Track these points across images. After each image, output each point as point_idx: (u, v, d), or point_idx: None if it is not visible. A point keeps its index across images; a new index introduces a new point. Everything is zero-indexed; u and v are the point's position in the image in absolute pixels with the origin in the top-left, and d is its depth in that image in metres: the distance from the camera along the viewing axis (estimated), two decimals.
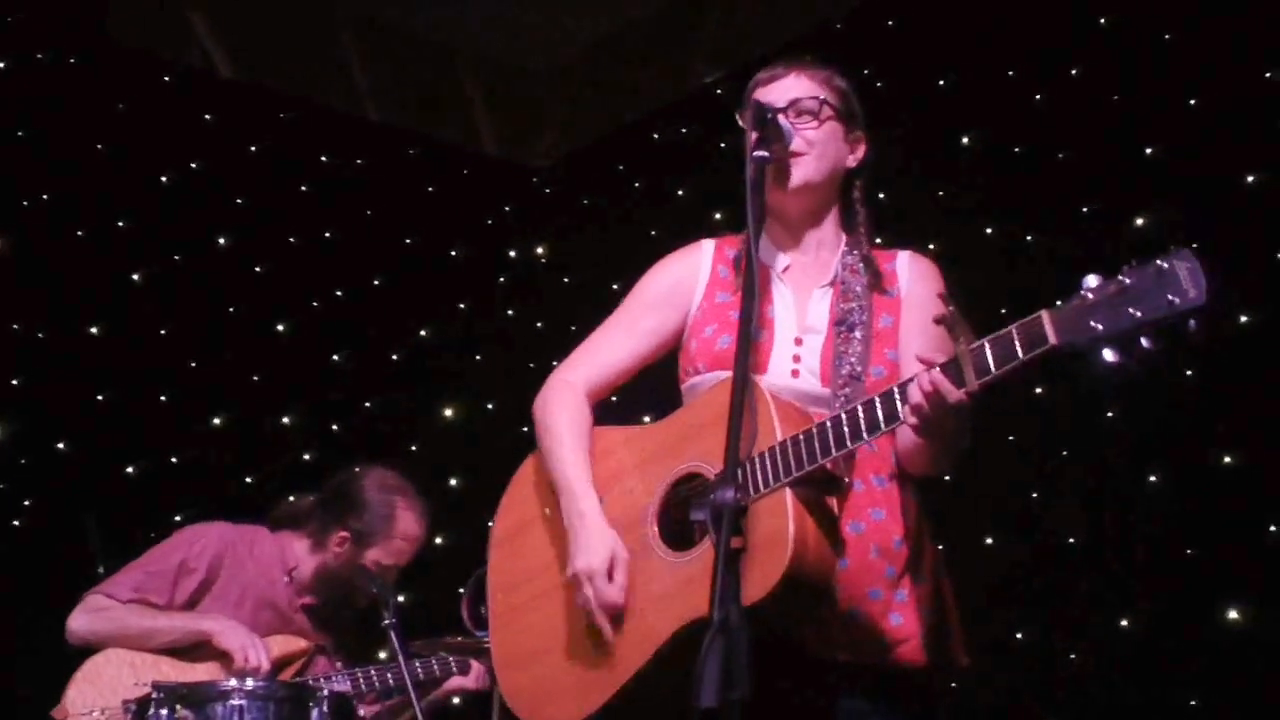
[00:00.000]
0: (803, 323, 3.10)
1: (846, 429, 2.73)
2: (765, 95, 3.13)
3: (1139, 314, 2.41)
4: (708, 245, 3.30)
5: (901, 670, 2.94)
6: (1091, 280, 2.49)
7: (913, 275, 3.16)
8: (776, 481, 2.76)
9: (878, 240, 3.22)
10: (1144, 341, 2.42)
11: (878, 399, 2.72)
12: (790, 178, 3.10)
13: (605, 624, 2.96)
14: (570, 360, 3.32)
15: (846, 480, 2.88)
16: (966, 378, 2.59)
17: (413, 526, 4.92)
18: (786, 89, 3.15)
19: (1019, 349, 2.53)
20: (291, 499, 5.12)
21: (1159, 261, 2.42)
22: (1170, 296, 2.38)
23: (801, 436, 2.77)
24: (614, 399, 3.33)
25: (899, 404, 2.68)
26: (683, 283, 3.26)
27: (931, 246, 3.39)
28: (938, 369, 2.62)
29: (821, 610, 2.83)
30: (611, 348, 3.28)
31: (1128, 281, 2.44)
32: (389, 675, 4.71)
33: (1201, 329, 2.40)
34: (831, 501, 2.85)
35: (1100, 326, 2.44)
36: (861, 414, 2.72)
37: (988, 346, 2.58)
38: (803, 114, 3.12)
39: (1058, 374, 5.66)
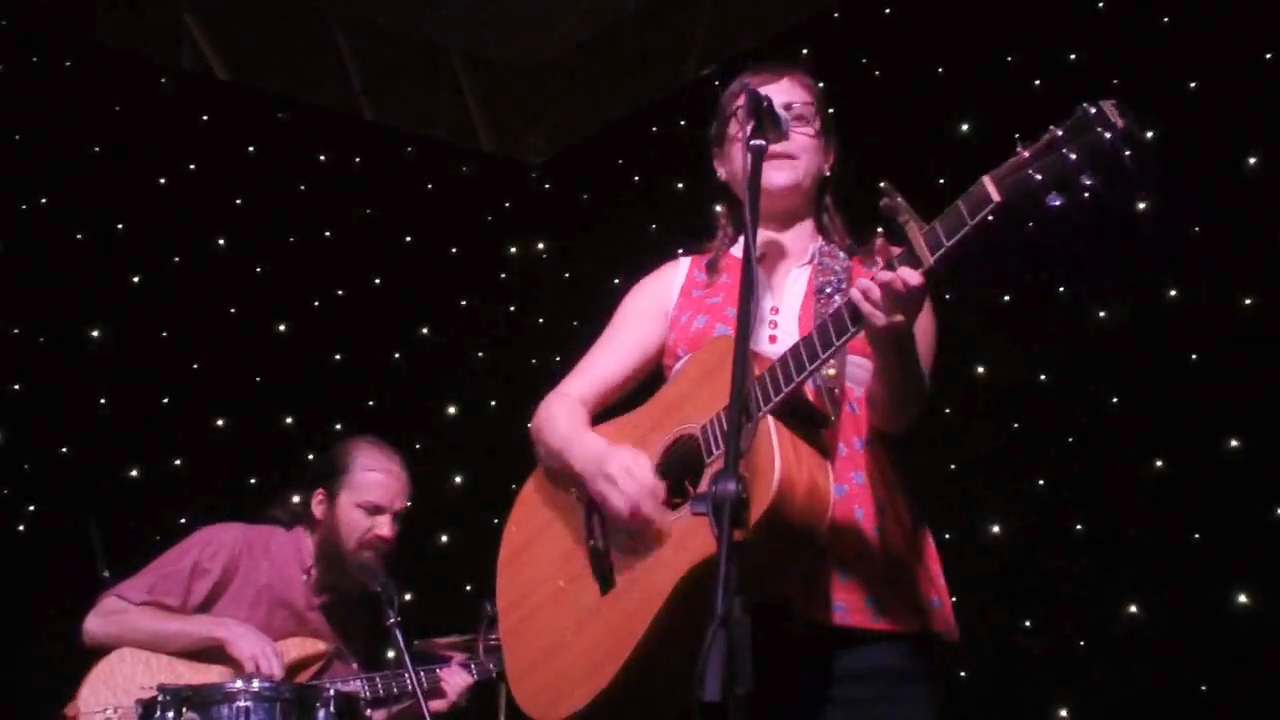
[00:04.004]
0: (779, 295, 3.17)
1: (818, 341, 2.77)
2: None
3: (1073, 155, 2.52)
4: (684, 260, 3.40)
5: (894, 637, 2.92)
6: (1024, 143, 2.61)
7: None
8: (758, 412, 2.77)
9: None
10: (1085, 180, 2.52)
11: (842, 305, 2.76)
12: (783, 180, 3.17)
13: (664, 518, 2.92)
14: (562, 382, 3.37)
15: (833, 419, 2.91)
16: (922, 257, 2.64)
17: (375, 458, 4.90)
18: (783, 91, 3.20)
19: (966, 215, 2.60)
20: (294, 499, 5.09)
21: (1084, 105, 2.54)
22: (1100, 130, 2.50)
23: (777, 362, 2.81)
24: None
25: (863, 303, 2.69)
26: (660, 294, 3.35)
27: None
28: (894, 259, 2.68)
29: (807, 562, 2.81)
30: (599, 364, 3.35)
31: (1059, 133, 2.55)
32: (406, 679, 4.66)
33: (1138, 159, 2.49)
34: (821, 438, 2.88)
35: (1040, 176, 2.55)
36: (830, 324, 2.76)
37: (938, 224, 2.65)
38: (798, 119, 3.18)
39: (1061, 360, 5.67)
